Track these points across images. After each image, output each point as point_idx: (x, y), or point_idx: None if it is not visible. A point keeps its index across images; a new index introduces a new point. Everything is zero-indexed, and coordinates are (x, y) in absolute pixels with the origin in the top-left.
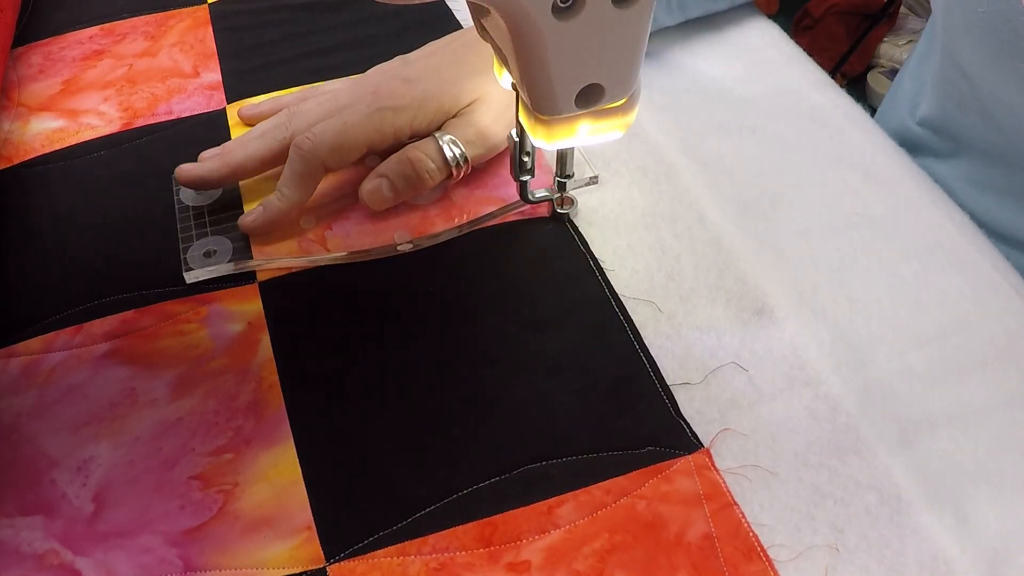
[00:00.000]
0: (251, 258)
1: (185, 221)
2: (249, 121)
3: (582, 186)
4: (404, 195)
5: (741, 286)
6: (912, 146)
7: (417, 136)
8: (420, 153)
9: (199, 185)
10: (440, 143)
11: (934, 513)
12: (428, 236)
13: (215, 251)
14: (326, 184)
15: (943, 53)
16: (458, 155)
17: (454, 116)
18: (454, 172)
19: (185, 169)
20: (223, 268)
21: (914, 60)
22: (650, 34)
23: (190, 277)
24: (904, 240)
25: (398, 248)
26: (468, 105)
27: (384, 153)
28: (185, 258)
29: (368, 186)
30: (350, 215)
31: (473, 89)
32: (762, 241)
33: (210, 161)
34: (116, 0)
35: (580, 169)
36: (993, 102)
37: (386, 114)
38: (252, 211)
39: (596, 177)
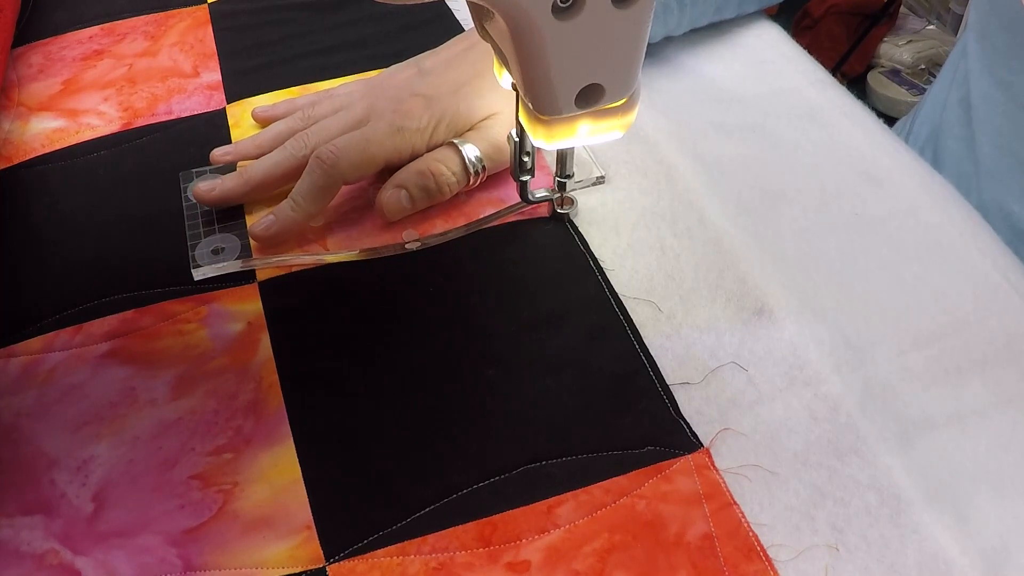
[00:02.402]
0: (259, 255)
1: (193, 219)
2: (263, 122)
3: (588, 186)
4: (421, 205)
5: (741, 286)
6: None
7: (432, 149)
8: (441, 165)
9: (219, 203)
10: (461, 149)
11: (934, 513)
12: (436, 235)
13: (223, 248)
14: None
15: (973, 53)
16: (475, 160)
17: (470, 129)
18: (472, 179)
19: (204, 188)
20: (231, 265)
21: (946, 74)
22: (657, 40)
23: (198, 274)
24: (904, 240)
25: (406, 246)
26: (483, 120)
27: (399, 165)
28: (193, 255)
29: (386, 196)
30: (350, 216)
31: (488, 105)
32: (762, 241)
33: (229, 180)
34: (116, 0)
35: (587, 169)
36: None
37: (406, 135)
38: (263, 220)
39: (603, 177)
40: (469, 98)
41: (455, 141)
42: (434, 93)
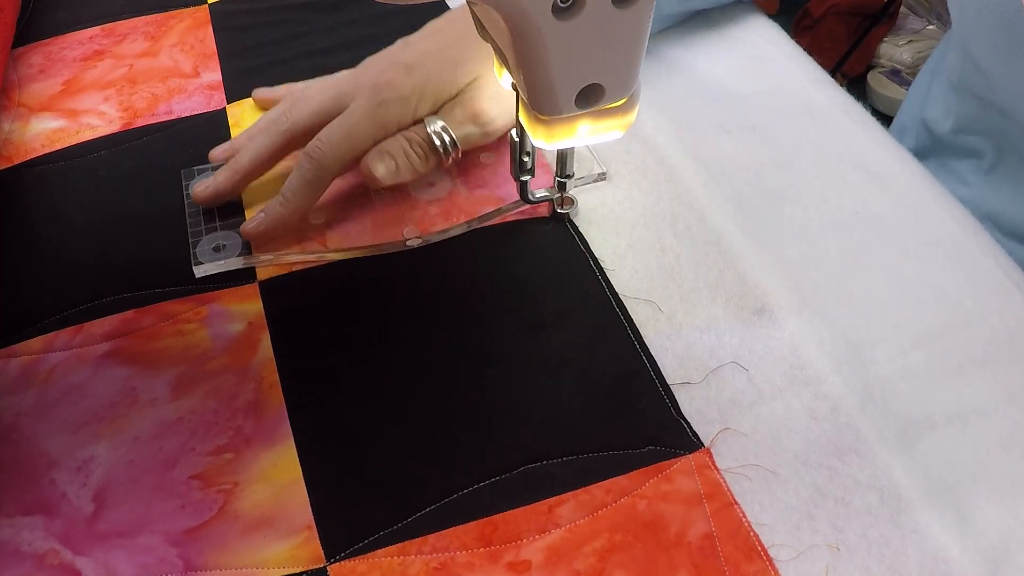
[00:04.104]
0: (261, 252)
1: (194, 216)
2: (263, 104)
3: (591, 183)
4: (403, 172)
5: (741, 286)
6: (934, 148)
7: (416, 120)
8: (413, 135)
9: (216, 200)
10: (428, 129)
11: (934, 512)
12: (437, 232)
13: (224, 245)
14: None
15: (959, 50)
16: (448, 141)
17: (453, 98)
18: (443, 158)
19: (199, 189)
20: (233, 262)
21: (932, 60)
22: (653, 32)
23: (200, 271)
24: (905, 238)
25: (407, 243)
26: (467, 85)
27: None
28: (195, 252)
29: (372, 158)
30: (350, 214)
31: (471, 71)
32: (762, 241)
33: (220, 174)
34: (116, 0)
35: (587, 166)
36: (1010, 97)
37: (388, 107)
38: (254, 217)
39: (604, 173)
40: (451, 63)
41: (426, 119)
42: (415, 60)
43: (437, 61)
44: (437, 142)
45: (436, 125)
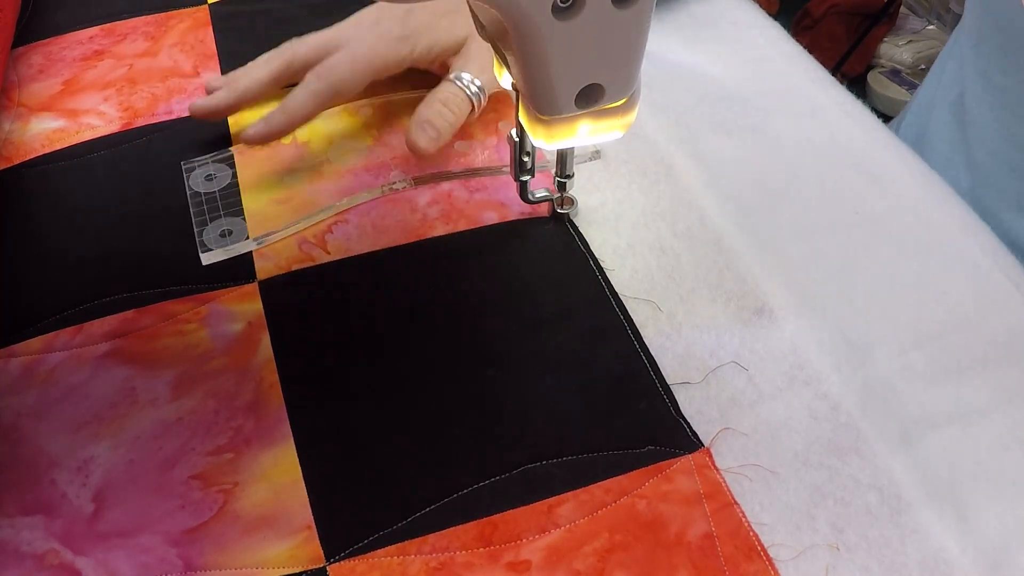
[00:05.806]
0: (267, 234)
1: (198, 206)
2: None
3: (586, 161)
4: (445, 135)
5: (741, 286)
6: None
7: (417, 65)
8: (446, 93)
9: (211, 115)
10: (457, 84)
11: (934, 512)
12: (427, 175)
13: (231, 231)
14: (331, 186)
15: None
16: (478, 87)
17: (454, 54)
18: (475, 105)
19: (197, 104)
20: (243, 246)
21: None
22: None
23: (208, 258)
24: (905, 238)
25: (393, 186)
26: (467, 39)
27: (386, 84)
28: (202, 240)
29: (413, 135)
30: (350, 219)
31: (463, 24)
32: (762, 241)
33: (217, 93)
34: (116, 0)
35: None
36: None
37: (390, 43)
38: (254, 124)
39: (599, 152)
40: (444, 13)
41: (450, 76)
42: (408, 7)
43: (429, 11)
44: (469, 92)
45: (463, 77)
